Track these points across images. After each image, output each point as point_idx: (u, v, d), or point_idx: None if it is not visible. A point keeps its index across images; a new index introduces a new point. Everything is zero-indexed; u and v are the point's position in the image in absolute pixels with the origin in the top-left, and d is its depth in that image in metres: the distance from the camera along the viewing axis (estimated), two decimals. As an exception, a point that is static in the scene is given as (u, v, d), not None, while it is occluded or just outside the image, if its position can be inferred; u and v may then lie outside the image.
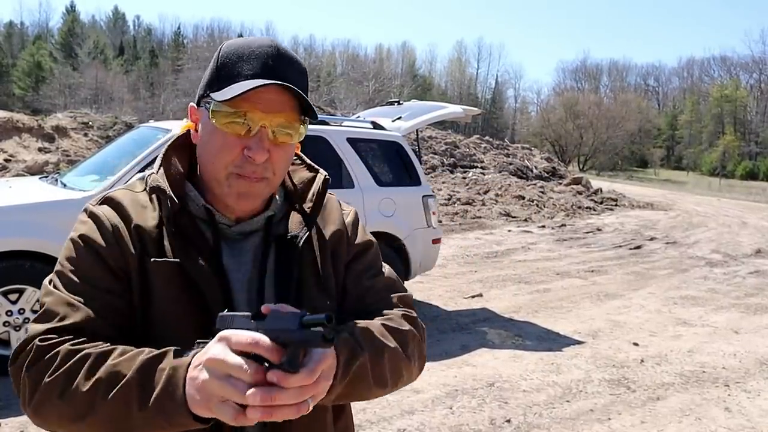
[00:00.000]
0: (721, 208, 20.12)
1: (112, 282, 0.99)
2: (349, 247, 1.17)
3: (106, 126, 16.22)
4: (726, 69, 75.41)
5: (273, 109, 0.97)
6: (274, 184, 1.04)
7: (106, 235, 1.01)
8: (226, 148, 0.99)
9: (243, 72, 0.98)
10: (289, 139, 1.01)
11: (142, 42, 71.02)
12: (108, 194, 1.07)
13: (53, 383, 0.89)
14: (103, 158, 5.53)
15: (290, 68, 1.01)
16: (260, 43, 1.01)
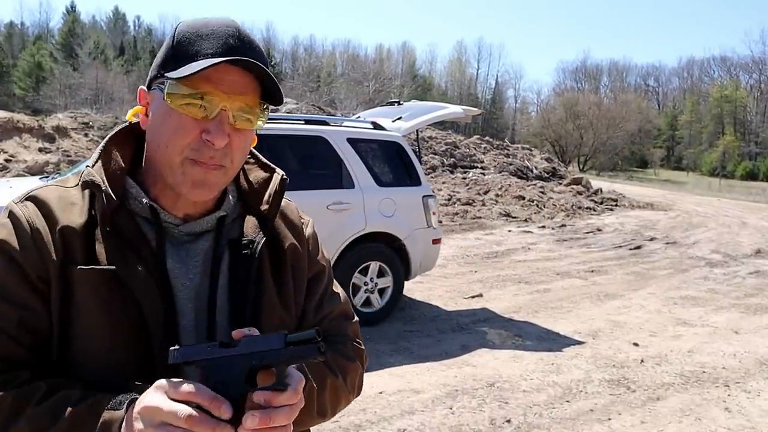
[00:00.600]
0: (721, 209, 20.11)
1: (29, 295, 0.87)
2: (310, 262, 1.09)
3: (107, 126, 16.23)
4: (726, 69, 75.48)
5: (235, 91, 0.89)
6: (231, 174, 0.94)
7: (24, 239, 0.88)
8: (182, 130, 0.88)
9: (202, 50, 0.89)
10: (250, 125, 0.92)
11: (143, 42, 71.04)
12: (33, 191, 0.94)
13: None
14: (103, 158, 5.52)
15: (252, 50, 0.92)
16: (220, 22, 0.93)
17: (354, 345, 1.10)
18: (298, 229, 1.09)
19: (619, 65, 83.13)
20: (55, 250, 0.88)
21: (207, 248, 0.97)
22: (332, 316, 1.11)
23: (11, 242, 0.88)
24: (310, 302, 1.08)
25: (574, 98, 60.71)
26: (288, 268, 1.04)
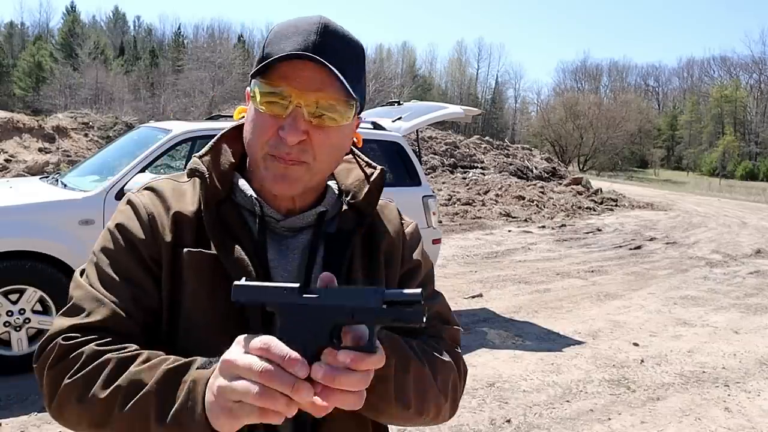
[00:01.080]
0: (721, 209, 20.11)
1: (145, 276, 0.93)
2: (404, 259, 1.08)
3: (107, 126, 16.23)
4: (726, 69, 75.45)
5: (310, 87, 0.89)
6: (317, 171, 0.95)
7: (142, 224, 0.96)
8: (262, 128, 0.92)
9: (283, 48, 0.90)
10: (334, 122, 0.92)
11: (143, 42, 71.05)
12: (149, 183, 1.03)
13: (72, 386, 0.85)
14: (103, 158, 5.53)
15: (335, 44, 0.92)
16: (308, 20, 0.93)
17: (450, 347, 1.04)
18: (396, 227, 1.09)
19: (619, 65, 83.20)
20: (169, 232, 0.95)
21: (305, 243, 1.00)
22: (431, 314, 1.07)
23: (129, 226, 0.96)
24: None
25: (574, 98, 60.66)
26: (381, 263, 1.04)
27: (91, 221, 4.35)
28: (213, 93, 40.73)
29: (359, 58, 0.96)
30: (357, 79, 0.94)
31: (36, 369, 0.91)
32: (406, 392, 0.90)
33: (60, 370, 0.86)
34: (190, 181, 1.02)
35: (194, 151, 6.12)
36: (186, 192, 1.00)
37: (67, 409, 0.86)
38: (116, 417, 0.82)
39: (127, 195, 1.01)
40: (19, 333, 4.18)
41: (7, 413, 3.64)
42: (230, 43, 57.96)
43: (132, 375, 0.83)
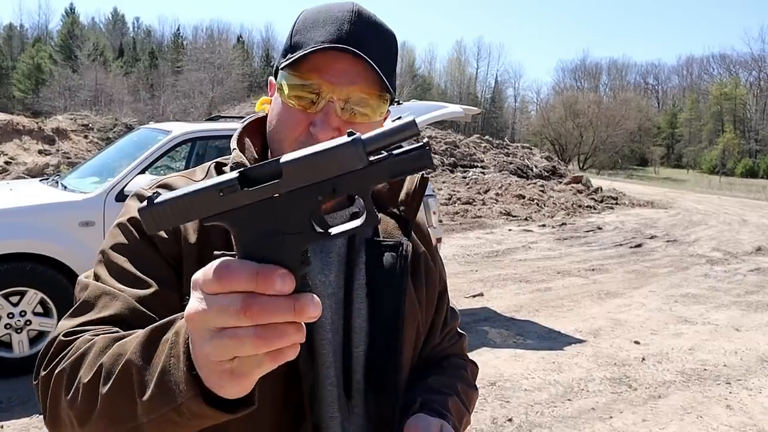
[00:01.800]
0: (722, 206, 20.10)
1: (165, 270, 0.85)
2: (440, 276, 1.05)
3: (106, 128, 16.23)
4: (725, 67, 75.44)
5: (343, 81, 0.84)
6: None
7: None
8: (291, 123, 0.87)
9: (314, 38, 0.85)
10: (366, 118, 0.87)
11: (142, 44, 71.01)
12: (162, 180, 0.95)
13: (60, 378, 0.72)
14: (103, 160, 5.53)
15: (369, 34, 0.86)
16: (340, 7, 0.88)
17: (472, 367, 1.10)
18: (427, 238, 1.05)
19: (618, 64, 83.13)
20: (194, 232, 0.87)
21: (341, 245, 0.93)
22: (452, 333, 1.09)
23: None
24: (439, 316, 1.06)
25: (574, 97, 60.67)
26: (422, 275, 1.00)
27: (92, 223, 4.35)
28: (212, 94, 40.73)
29: (392, 48, 0.91)
30: (390, 70, 0.89)
31: (35, 384, 0.78)
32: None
33: (54, 367, 0.75)
34: (205, 179, 0.94)
35: (194, 152, 6.16)
36: None
37: (59, 410, 0.73)
38: (99, 403, 0.67)
39: (137, 191, 0.93)
40: (20, 335, 4.18)
41: (8, 415, 3.64)
42: (229, 44, 57.97)
43: (116, 348, 0.68)
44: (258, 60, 69.57)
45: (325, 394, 0.88)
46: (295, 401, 0.84)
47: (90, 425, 0.69)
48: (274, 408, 0.84)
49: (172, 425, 0.62)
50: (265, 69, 63.60)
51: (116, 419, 0.66)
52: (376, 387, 0.90)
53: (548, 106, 65.48)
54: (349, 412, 0.90)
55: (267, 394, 0.83)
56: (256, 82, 51.07)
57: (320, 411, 0.88)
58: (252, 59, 65.40)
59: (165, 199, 0.52)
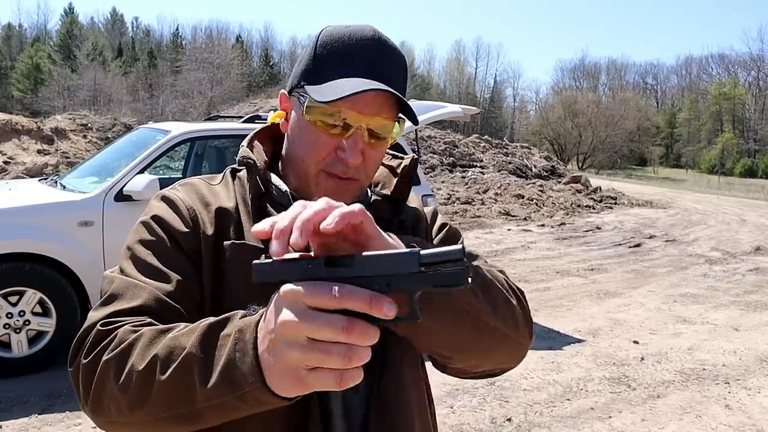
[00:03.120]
0: (720, 206, 20.12)
1: (186, 264, 0.91)
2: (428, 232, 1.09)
3: (105, 127, 16.23)
4: (724, 67, 75.52)
5: (371, 111, 0.91)
6: (365, 185, 0.98)
7: (182, 217, 0.94)
8: (318, 146, 0.93)
9: (344, 68, 0.92)
10: (385, 143, 0.96)
11: (141, 43, 70.98)
12: (181, 181, 1.03)
13: (108, 365, 0.77)
14: (102, 160, 5.53)
15: (391, 64, 0.95)
16: (361, 34, 0.94)
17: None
18: (420, 214, 1.10)
19: (617, 63, 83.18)
20: (210, 225, 0.94)
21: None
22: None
23: (168, 218, 0.94)
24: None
25: (573, 97, 60.70)
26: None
27: (91, 223, 4.35)
28: (211, 93, 40.74)
29: (406, 70, 0.99)
30: (404, 91, 0.96)
31: (71, 370, 0.82)
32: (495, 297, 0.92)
33: (97, 354, 0.79)
34: (220, 183, 1.02)
35: (193, 152, 6.15)
36: (220, 192, 1.00)
37: (103, 397, 0.78)
38: (156, 390, 0.73)
39: (160, 192, 1.00)
40: (19, 335, 4.18)
41: (7, 415, 3.64)
42: (228, 44, 57.92)
43: (170, 341, 0.75)
44: (257, 60, 69.52)
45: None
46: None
47: (143, 410, 0.75)
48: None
49: (231, 410, 0.71)
50: (264, 69, 63.62)
51: (174, 405, 0.73)
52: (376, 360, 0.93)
53: (547, 106, 65.49)
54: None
55: None
56: (255, 82, 51.10)
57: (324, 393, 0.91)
58: (251, 59, 65.35)
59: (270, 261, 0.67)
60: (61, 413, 3.67)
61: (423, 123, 6.50)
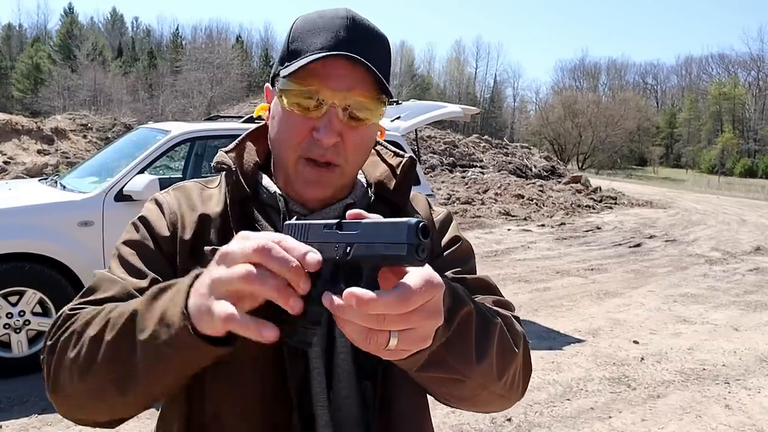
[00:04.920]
0: (720, 206, 20.12)
1: (164, 265, 0.92)
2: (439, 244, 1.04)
3: (105, 127, 16.23)
4: (724, 67, 75.49)
5: (343, 86, 0.86)
6: (348, 173, 0.93)
7: (166, 221, 0.95)
8: (293, 129, 0.90)
9: (312, 46, 0.88)
10: (366, 121, 0.90)
11: (141, 43, 70.95)
12: (177, 183, 1.03)
13: (66, 342, 0.80)
14: (102, 160, 5.53)
15: (365, 39, 0.89)
16: (334, 14, 0.91)
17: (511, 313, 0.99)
18: (426, 215, 1.05)
19: (617, 63, 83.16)
20: (190, 230, 0.93)
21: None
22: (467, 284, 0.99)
23: (153, 221, 0.95)
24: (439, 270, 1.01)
25: (573, 97, 60.70)
26: None
27: (91, 223, 4.35)
28: (211, 93, 40.75)
29: (387, 52, 0.94)
30: (386, 73, 0.92)
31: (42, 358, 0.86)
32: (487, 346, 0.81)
33: (58, 334, 0.83)
34: (217, 186, 1.01)
35: (193, 152, 6.15)
36: (213, 195, 0.99)
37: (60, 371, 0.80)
38: (102, 350, 0.76)
39: (154, 194, 1.03)
40: (19, 335, 4.17)
41: (7, 415, 3.64)
42: (228, 44, 57.96)
43: (123, 306, 0.79)
44: (257, 60, 69.53)
45: (314, 384, 0.91)
46: (285, 393, 0.87)
47: (89, 377, 0.77)
48: (264, 400, 0.88)
49: (163, 366, 0.73)
50: (264, 69, 63.57)
51: (116, 362, 0.76)
52: (366, 373, 0.91)
53: (547, 106, 65.50)
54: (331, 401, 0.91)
55: (256, 387, 0.88)
56: (255, 82, 51.06)
57: (310, 401, 0.90)
58: (251, 59, 65.38)
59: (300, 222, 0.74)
60: (61, 413, 3.67)
61: (423, 123, 6.49)
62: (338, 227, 0.68)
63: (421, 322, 0.63)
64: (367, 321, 0.61)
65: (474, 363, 0.79)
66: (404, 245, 0.60)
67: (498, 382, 0.85)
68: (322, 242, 0.69)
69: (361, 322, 0.61)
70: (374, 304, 0.59)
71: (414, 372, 0.77)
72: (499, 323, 0.86)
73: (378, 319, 0.60)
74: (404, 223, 0.61)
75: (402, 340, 0.63)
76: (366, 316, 0.60)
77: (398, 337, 0.62)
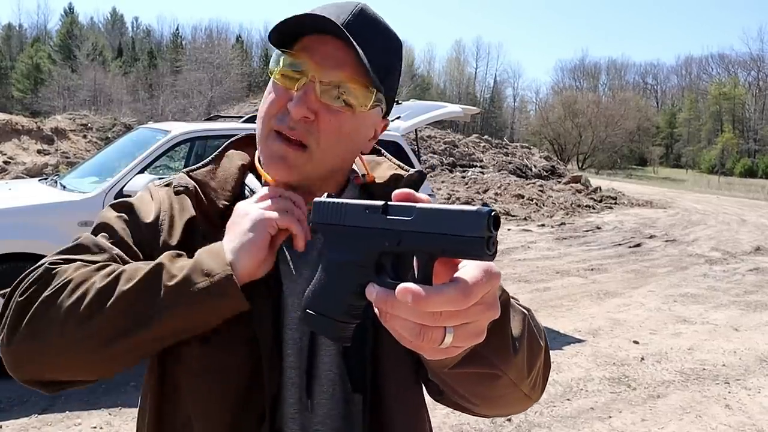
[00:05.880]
0: (720, 206, 20.11)
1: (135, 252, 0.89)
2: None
3: (105, 127, 16.23)
4: (724, 67, 75.49)
5: (328, 64, 0.82)
6: (319, 160, 0.85)
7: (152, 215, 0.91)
8: (273, 100, 0.86)
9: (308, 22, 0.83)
10: (348, 108, 0.84)
11: (141, 43, 70.94)
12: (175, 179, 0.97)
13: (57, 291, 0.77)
14: (102, 160, 5.53)
15: (368, 28, 0.84)
16: (342, 4, 0.86)
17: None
18: None
19: (617, 63, 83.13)
20: (177, 235, 0.89)
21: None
22: None
23: (138, 208, 0.93)
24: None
25: (573, 97, 60.71)
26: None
27: (91, 223, 4.30)
28: (211, 94, 40.70)
29: (392, 51, 0.89)
30: (385, 70, 0.86)
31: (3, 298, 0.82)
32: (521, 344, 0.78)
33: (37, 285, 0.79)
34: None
35: (193, 152, 6.15)
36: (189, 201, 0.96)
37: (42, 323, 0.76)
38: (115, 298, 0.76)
39: (150, 183, 1.00)
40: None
41: (7, 415, 3.64)
42: (228, 44, 57.92)
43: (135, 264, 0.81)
44: (257, 60, 69.43)
45: (286, 395, 0.87)
46: (258, 403, 0.84)
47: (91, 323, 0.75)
48: (234, 410, 0.84)
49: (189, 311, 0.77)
50: (264, 69, 63.46)
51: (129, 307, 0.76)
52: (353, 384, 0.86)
53: (547, 106, 65.52)
54: (311, 411, 0.87)
55: (230, 395, 0.83)
56: (255, 82, 51.05)
57: (282, 412, 0.86)
58: (251, 59, 65.31)
59: (333, 201, 0.66)
60: (61, 413, 3.67)
61: (423, 123, 6.48)
62: (384, 210, 0.60)
63: (478, 315, 0.57)
64: (422, 318, 0.55)
65: (511, 355, 0.75)
66: (477, 239, 0.53)
67: (526, 379, 0.81)
68: (364, 227, 0.61)
69: (416, 319, 0.56)
70: (434, 300, 0.54)
71: (447, 369, 0.72)
72: (526, 313, 0.83)
73: (434, 316, 0.55)
74: (475, 212, 0.54)
75: (457, 336, 0.57)
76: (421, 312, 0.55)
77: (453, 333, 0.57)
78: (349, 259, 0.63)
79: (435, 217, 0.56)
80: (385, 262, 0.61)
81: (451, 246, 0.54)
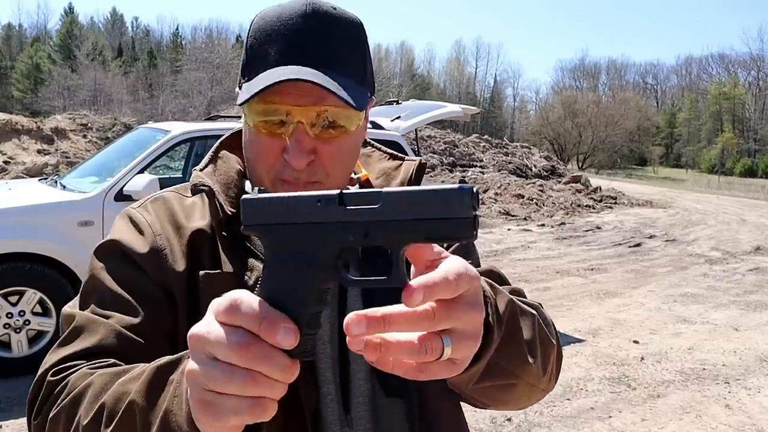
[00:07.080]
0: (720, 206, 20.11)
1: (155, 291, 0.80)
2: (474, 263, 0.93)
3: (105, 127, 16.23)
4: (724, 66, 75.52)
5: (309, 101, 0.77)
6: (332, 186, 0.80)
7: (146, 241, 0.83)
8: (263, 152, 0.81)
9: (269, 58, 0.78)
10: (342, 130, 0.80)
11: (141, 43, 70.94)
12: (154, 196, 0.90)
13: (55, 423, 0.70)
14: (102, 160, 5.53)
15: (327, 40, 0.79)
16: (291, 12, 0.80)
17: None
18: None
19: (617, 63, 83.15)
20: (182, 258, 0.82)
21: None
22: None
23: (129, 241, 0.83)
24: None
25: (573, 96, 60.69)
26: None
27: (91, 222, 4.35)
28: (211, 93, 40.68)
29: (356, 38, 0.83)
30: (359, 64, 0.83)
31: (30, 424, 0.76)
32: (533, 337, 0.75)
33: (46, 409, 0.73)
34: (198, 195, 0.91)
35: (193, 152, 6.15)
36: (195, 206, 0.89)
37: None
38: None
39: (126, 210, 0.89)
40: (19, 335, 4.18)
41: (7, 415, 3.64)
42: (228, 44, 57.90)
43: (119, 386, 0.67)
44: (257, 60, 69.41)
45: (327, 412, 0.84)
46: (298, 422, 0.80)
47: None
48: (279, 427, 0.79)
49: None
50: (264, 69, 63.42)
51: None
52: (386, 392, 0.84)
53: (547, 106, 65.50)
54: (351, 426, 0.85)
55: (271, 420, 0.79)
56: (255, 82, 50.94)
57: (323, 428, 0.84)
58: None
59: (269, 196, 0.55)
60: (61, 413, 3.67)
61: (423, 123, 6.49)
62: (340, 201, 0.52)
63: (466, 312, 0.54)
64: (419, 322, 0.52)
65: (527, 361, 0.74)
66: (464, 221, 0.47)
67: (543, 378, 0.79)
68: (318, 223, 0.53)
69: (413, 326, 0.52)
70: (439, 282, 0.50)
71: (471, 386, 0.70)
72: (535, 313, 0.80)
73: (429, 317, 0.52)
74: (457, 190, 0.47)
75: (455, 345, 0.54)
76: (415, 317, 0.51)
77: (451, 343, 0.54)
78: (302, 261, 0.54)
79: (408, 200, 0.49)
80: (349, 259, 0.54)
81: (435, 231, 0.48)
